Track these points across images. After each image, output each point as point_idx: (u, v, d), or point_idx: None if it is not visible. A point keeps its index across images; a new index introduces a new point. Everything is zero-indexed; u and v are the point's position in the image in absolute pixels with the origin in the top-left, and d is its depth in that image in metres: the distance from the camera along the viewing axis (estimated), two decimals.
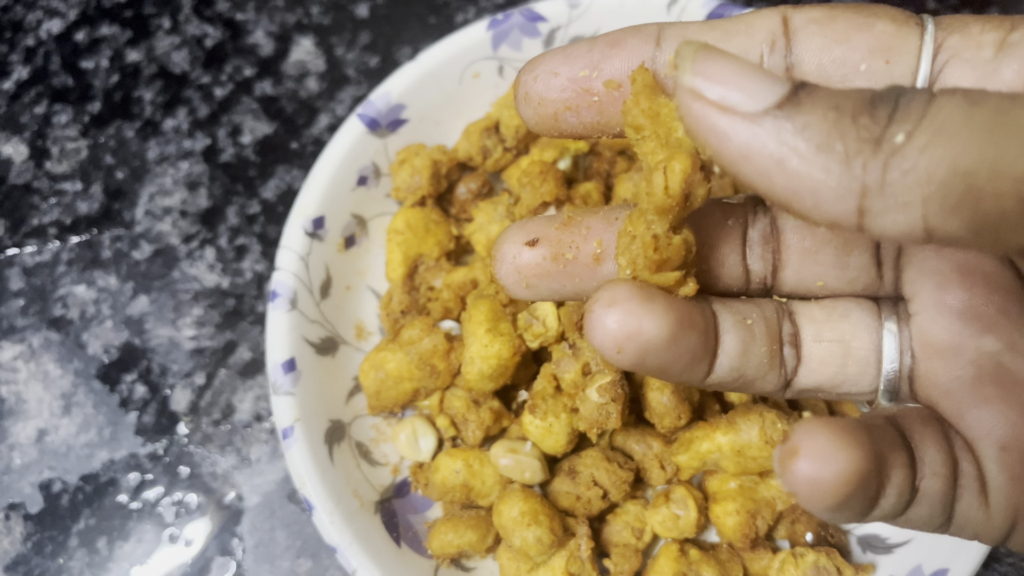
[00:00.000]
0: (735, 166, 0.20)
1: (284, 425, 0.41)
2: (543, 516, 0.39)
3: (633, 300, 0.24)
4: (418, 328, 0.42)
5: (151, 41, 0.59)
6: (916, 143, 0.18)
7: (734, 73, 0.20)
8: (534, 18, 0.47)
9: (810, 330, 0.27)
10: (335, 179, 0.45)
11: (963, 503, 0.24)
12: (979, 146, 0.18)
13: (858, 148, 0.19)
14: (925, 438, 0.24)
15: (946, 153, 0.18)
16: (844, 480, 0.21)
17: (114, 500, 0.47)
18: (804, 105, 0.20)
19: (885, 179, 0.19)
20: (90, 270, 0.52)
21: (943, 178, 0.18)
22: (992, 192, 0.18)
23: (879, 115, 0.19)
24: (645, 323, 0.24)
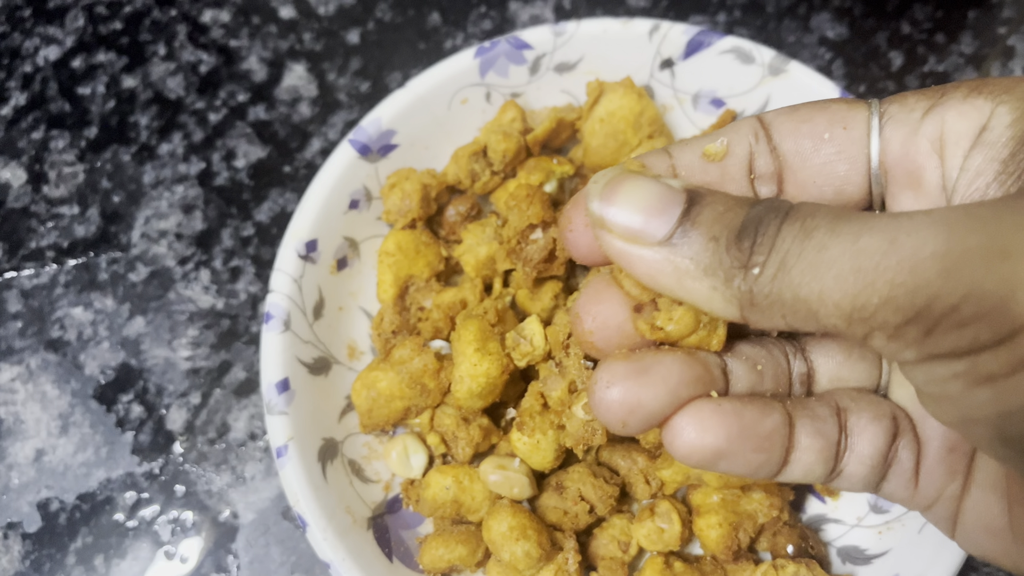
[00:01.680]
0: (645, 280, 0.26)
1: (278, 444, 0.42)
2: (531, 531, 0.40)
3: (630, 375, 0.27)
4: (409, 348, 0.43)
5: (146, 67, 0.60)
6: (767, 273, 0.23)
7: (635, 202, 0.26)
8: (520, 45, 0.49)
9: (827, 371, 0.31)
10: (327, 203, 0.46)
11: (892, 483, 0.29)
12: (808, 279, 0.23)
13: (732, 274, 0.24)
14: (864, 433, 0.29)
15: (788, 284, 0.23)
16: (698, 451, 0.27)
17: (111, 518, 0.48)
18: (690, 236, 0.25)
19: (753, 299, 0.24)
20: (87, 292, 0.54)
21: (791, 302, 0.23)
22: (824, 314, 0.23)
23: (744, 246, 0.24)
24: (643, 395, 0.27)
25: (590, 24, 0.49)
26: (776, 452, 0.28)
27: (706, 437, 0.26)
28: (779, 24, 0.59)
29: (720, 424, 0.27)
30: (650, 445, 0.42)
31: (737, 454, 0.27)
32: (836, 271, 0.22)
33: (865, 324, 0.22)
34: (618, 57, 0.50)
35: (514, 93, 0.50)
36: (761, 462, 0.27)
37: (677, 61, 0.49)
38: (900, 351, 0.22)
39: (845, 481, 0.29)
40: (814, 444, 0.28)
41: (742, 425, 0.27)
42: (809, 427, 0.28)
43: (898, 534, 0.41)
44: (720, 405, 0.27)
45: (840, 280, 0.22)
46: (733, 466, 0.27)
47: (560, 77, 0.51)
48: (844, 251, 0.22)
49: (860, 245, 0.22)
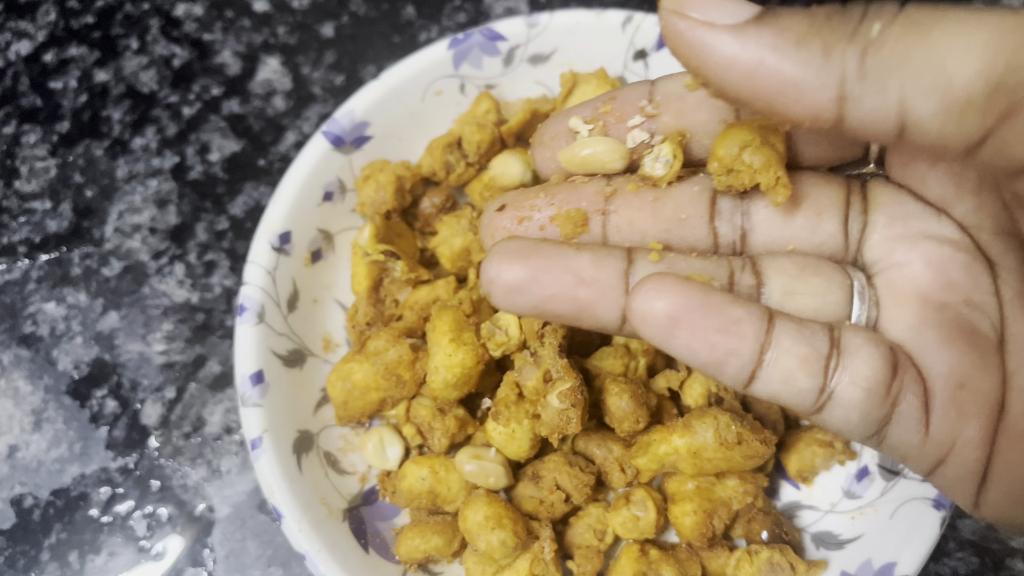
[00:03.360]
0: (720, 76, 0.22)
1: (252, 436, 0.41)
2: (507, 520, 0.40)
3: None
4: (383, 339, 0.43)
5: (119, 61, 0.60)
6: (893, 32, 0.20)
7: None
8: (494, 37, 0.49)
9: (779, 283, 0.27)
10: (301, 195, 0.46)
11: (900, 428, 0.25)
12: (952, 34, 0.19)
13: (836, 40, 0.20)
14: (859, 353, 0.25)
15: (920, 41, 0.19)
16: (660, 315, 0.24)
17: (85, 514, 0.48)
18: (781, 14, 0.21)
19: (864, 65, 0.20)
20: (60, 287, 0.53)
21: (919, 63, 0.20)
22: (962, 76, 0.19)
23: (852, 14, 0.21)
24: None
25: (563, 15, 0.49)
26: (746, 343, 0.24)
27: (661, 300, 0.24)
28: None
29: (681, 291, 0.24)
30: (625, 434, 0.42)
31: (696, 328, 0.24)
32: (991, 29, 0.19)
33: (1019, 90, 0.19)
34: (592, 48, 0.50)
35: (488, 85, 0.51)
36: (728, 348, 0.24)
37: (651, 52, 0.49)
38: None
39: (839, 408, 0.25)
40: (797, 348, 0.25)
41: (707, 300, 0.24)
42: (793, 330, 0.25)
43: (870, 519, 0.41)
44: (686, 279, 0.24)
45: (997, 37, 0.19)
46: (692, 343, 0.24)
47: (534, 68, 0.51)
48: (1002, 17, 0.19)
49: (1008, 19, 0.19)
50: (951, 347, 0.26)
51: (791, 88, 0.21)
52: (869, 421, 0.25)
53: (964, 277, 0.26)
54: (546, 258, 0.26)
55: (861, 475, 0.43)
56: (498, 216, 0.28)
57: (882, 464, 0.43)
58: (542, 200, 0.28)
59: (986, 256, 0.26)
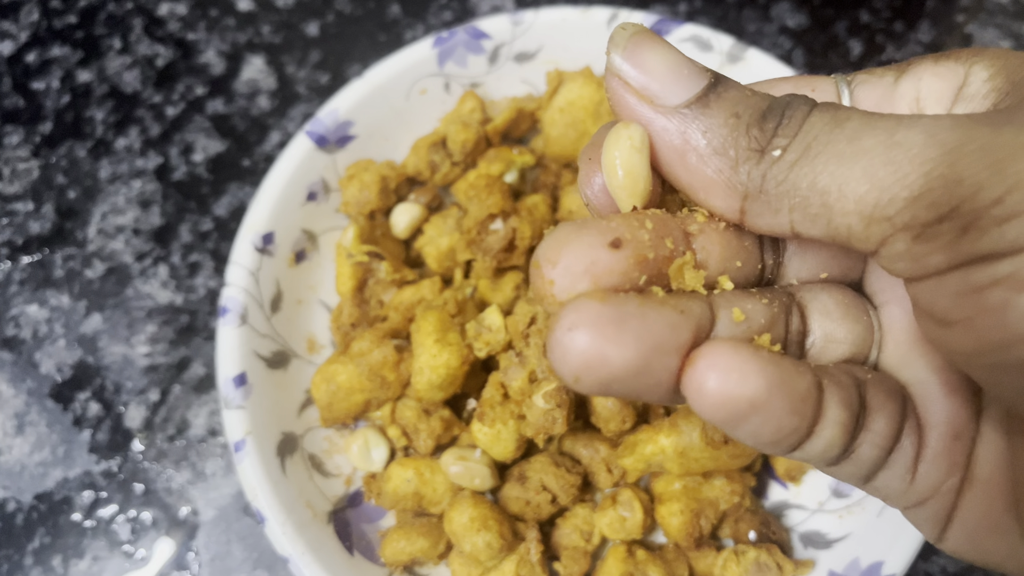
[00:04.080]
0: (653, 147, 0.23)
1: (235, 439, 0.41)
2: (492, 521, 0.40)
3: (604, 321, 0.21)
4: (368, 340, 0.43)
5: (102, 61, 0.59)
6: (788, 159, 0.21)
7: (659, 64, 0.23)
8: (478, 35, 0.49)
9: (823, 329, 0.26)
10: (284, 195, 0.46)
11: (889, 473, 0.25)
12: (832, 167, 0.21)
13: (746, 156, 0.22)
14: (883, 410, 0.24)
15: (808, 171, 0.21)
16: (732, 402, 0.21)
17: (68, 518, 0.47)
18: (711, 108, 0.22)
19: (763, 187, 0.22)
20: (42, 289, 0.53)
21: (804, 193, 0.21)
22: (840, 211, 0.21)
23: (767, 127, 0.22)
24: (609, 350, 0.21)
25: (549, 13, 0.49)
26: (808, 418, 0.22)
27: (745, 384, 0.21)
28: (739, 13, 0.59)
29: (759, 371, 0.21)
30: (612, 434, 0.42)
31: (773, 412, 0.21)
32: (866, 162, 0.20)
33: (887, 224, 0.20)
34: (577, 46, 0.49)
35: (473, 83, 0.50)
36: (793, 427, 0.22)
37: None
38: (926, 256, 0.20)
39: (851, 465, 0.24)
40: (841, 416, 0.23)
41: (781, 376, 0.21)
42: (837, 395, 0.23)
43: (858, 518, 0.41)
44: (757, 349, 0.21)
45: (869, 171, 0.20)
46: (764, 427, 0.21)
47: (520, 67, 0.50)
48: (878, 143, 0.20)
49: (897, 138, 0.20)
50: (953, 396, 0.25)
51: (702, 188, 0.23)
52: (869, 472, 0.25)
53: None
54: (655, 332, 0.21)
55: None
56: (612, 256, 0.22)
57: None
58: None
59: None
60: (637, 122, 0.23)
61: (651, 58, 0.23)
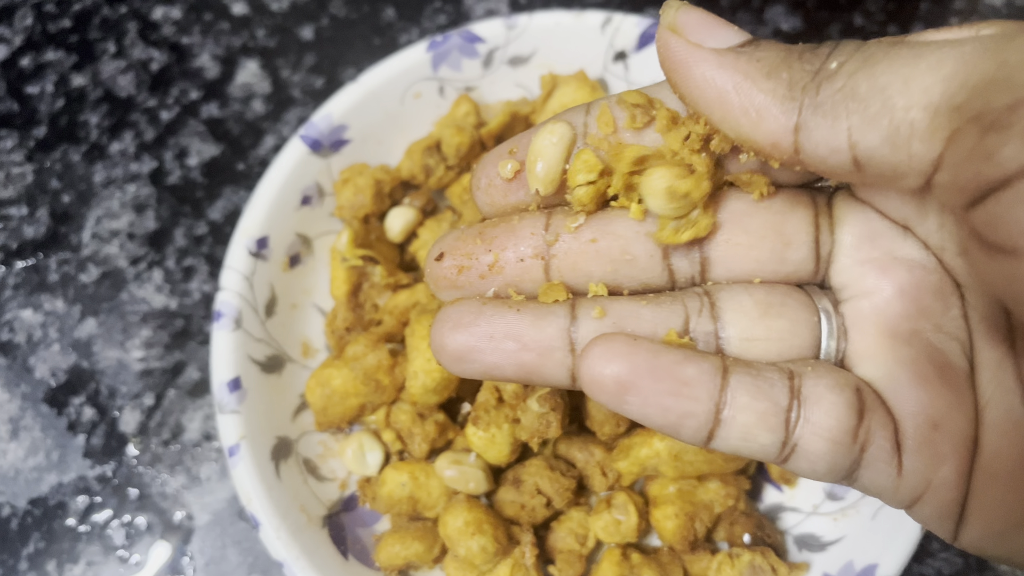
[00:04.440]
0: (696, 94, 0.23)
1: (230, 443, 0.41)
2: (487, 525, 0.40)
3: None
4: (362, 344, 0.43)
5: (96, 65, 0.59)
6: (847, 69, 0.21)
7: (707, 23, 0.24)
8: (472, 39, 0.49)
9: (739, 328, 0.26)
10: (278, 199, 0.46)
11: (870, 470, 0.25)
12: (896, 67, 0.21)
13: (801, 75, 0.22)
14: (821, 402, 0.24)
15: (868, 75, 0.21)
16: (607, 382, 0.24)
17: (63, 523, 0.47)
18: (761, 46, 0.23)
19: (818, 98, 0.22)
20: (37, 294, 0.53)
21: (864, 95, 0.21)
22: (903, 105, 0.20)
23: (821, 52, 0.22)
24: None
25: (542, 17, 0.49)
26: (701, 404, 0.24)
27: (610, 365, 0.24)
28: (733, 16, 0.59)
29: (628, 353, 0.24)
30: (607, 437, 0.42)
31: (647, 393, 0.24)
32: (933, 58, 0.20)
33: (956, 114, 0.19)
34: (571, 50, 0.49)
35: (468, 87, 0.50)
36: (682, 411, 0.24)
37: (630, 53, 0.49)
38: (999, 148, 0.18)
39: (804, 460, 0.25)
40: (754, 404, 0.24)
41: (656, 362, 0.24)
42: (749, 384, 0.24)
43: (853, 520, 0.41)
44: (635, 339, 0.24)
45: (936, 64, 0.20)
46: (645, 408, 0.24)
47: (514, 71, 0.50)
48: (943, 45, 0.20)
49: (963, 42, 0.20)
50: (924, 386, 0.25)
51: (754, 113, 0.23)
52: (837, 469, 0.25)
53: (935, 303, 0.25)
54: (488, 325, 0.26)
55: None
56: (438, 266, 0.27)
57: None
58: (480, 247, 0.27)
59: (952, 278, 0.25)
60: (686, 69, 0.24)
61: (700, 20, 0.24)
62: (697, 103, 0.24)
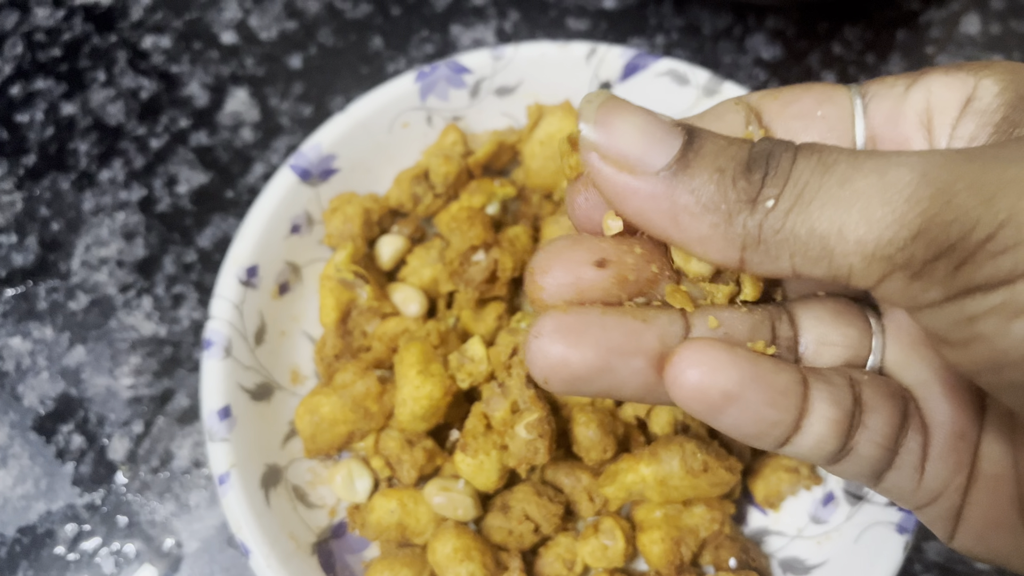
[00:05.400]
0: (637, 219, 0.24)
1: (220, 471, 0.41)
2: (475, 551, 0.40)
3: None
4: (351, 372, 0.43)
5: (86, 94, 0.60)
6: (782, 207, 0.22)
7: (631, 131, 0.23)
8: (459, 70, 0.49)
9: (815, 333, 0.27)
10: (268, 228, 0.46)
11: (898, 473, 0.26)
12: (829, 212, 0.21)
13: (738, 208, 0.22)
14: (879, 409, 0.25)
15: (805, 218, 0.22)
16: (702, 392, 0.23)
17: (52, 552, 0.47)
18: (692, 167, 0.23)
19: (760, 237, 0.22)
20: (25, 322, 0.53)
21: (804, 239, 0.22)
22: (841, 252, 0.21)
23: (754, 178, 0.22)
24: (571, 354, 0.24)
25: (528, 48, 0.50)
26: (790, 413, 0.24)
27: (717, 376, 0.23)
28: (715, 45, 0.60)
29: (732, 364, 0.23)
30: (593, 463, 0.42)
31: (749, 403, 0.24)
32: (862, 205, 0.21)
33: (887, 263, 0.21)
34: (557, 80, 0.50)
35: (455, 116, 0.51)
36: (774, 420, 0.24)
37: (615, 84, 0.50)
38: (923, 291, 0.21)
39: (852, 464, 0.26)
40: (829, 412, 0.25)
41: (756, 371, 0.24)
42: (825, 392, 0.25)
43: (836, 544, 0.42)
44: (732, 346, 0.24)
45: (866, 214, 0.21)
46: (743, 418, 0.24)
47: (500, 100, 0.51)
48: (871, 184, 0.21)
49: (888, 179, 0.21)
50: (954, 397, 0.26)
51: (698, 244, 0.23)
52: (877, 472, 0.26)
53: None
54: (613, 338, 0.24)
55: (827, 500, 0.44)
56: (599, 274, 0.25)
57: (847, 489, 0.43)
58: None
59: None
60: (625, 196, 0.23)
61: (622, 127, 0.23)
62: (640, 226, 0.24)
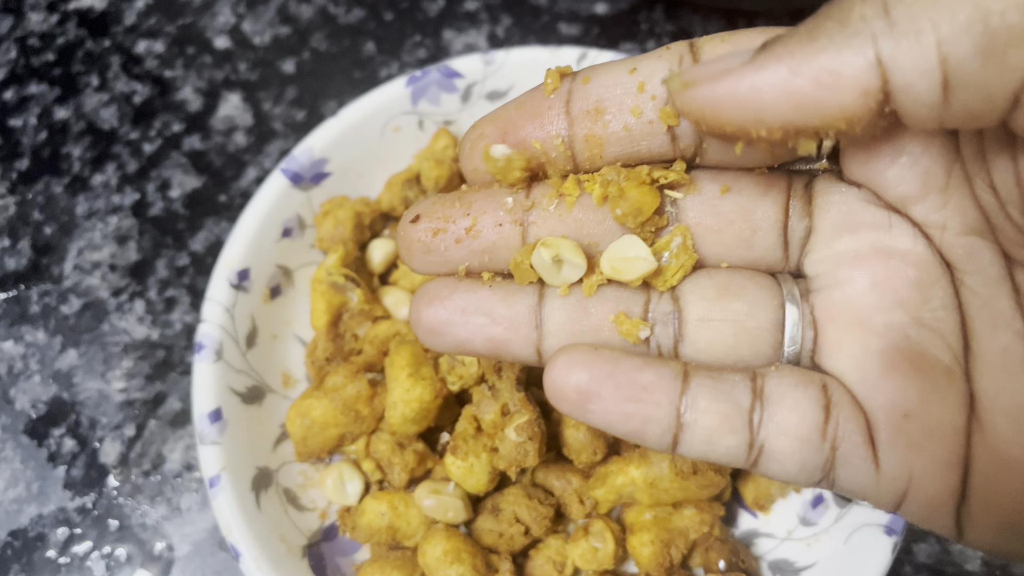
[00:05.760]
0: (752, 108, 0.21)
1: (210, 474, 0.41)
2: (465, 554, 0.40)
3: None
4: (342, 375, 0.44)
5: (79, 98, 0.60)
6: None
7: (715, 61, 0.22)
8: (451, 74, 0.50)
9: (696, 309, 0.27)
10: (259, 232, 0.46)
11: (847, 469, 0.25)
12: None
13: (848, 7, 0.20)
14: (785, 400, 0.25)
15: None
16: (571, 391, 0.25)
17: (43, 555, 0.47)
18: (775, 33, 0.21)
19: (891, 17, 0.19)
20: (18, 325, 0.53)
21: (949, 2, 0.18)
22: (998, 9, 0.18)
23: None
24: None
25: (519, 53, 0.50)
26: (661, 409, 0.24)
27: (571, 374, 0.24)
28: None
29: (588, 362, 0.24)
30: (584, 465, 0.43)
31: (607, 400, 0.24)
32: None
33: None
34: None
35: (447, 121, 0.51)
36: (643, 416, 0.24)
37: None
38: None
39: (774, 461, 0.25)
40: (715, 407, 0.24)
41: (614, 369, 0.24)
42: (709, 387, 0.25)
43: (825, 546, 0.42)
44: (596, 349, 0.25)
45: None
46: (607, 416, 0.24)
47: (492, 104, 0.51)
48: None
49: None
50: (892, 376, 0.24)
51: (827, 76, 0.20)
52: (810, 469, 0.25)
53: (913, 295, 0.25)
54: (462, 299, 0.27)
55: (816, 502, 0.44)
56: (412, 228, 0.27)
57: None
58: (457, 210, 0.27)
59: (947, 261, 0.25)
60: (733, 101, 0.21)
61: (703, 64, 0.22)
62: (760, 118, 0.21)
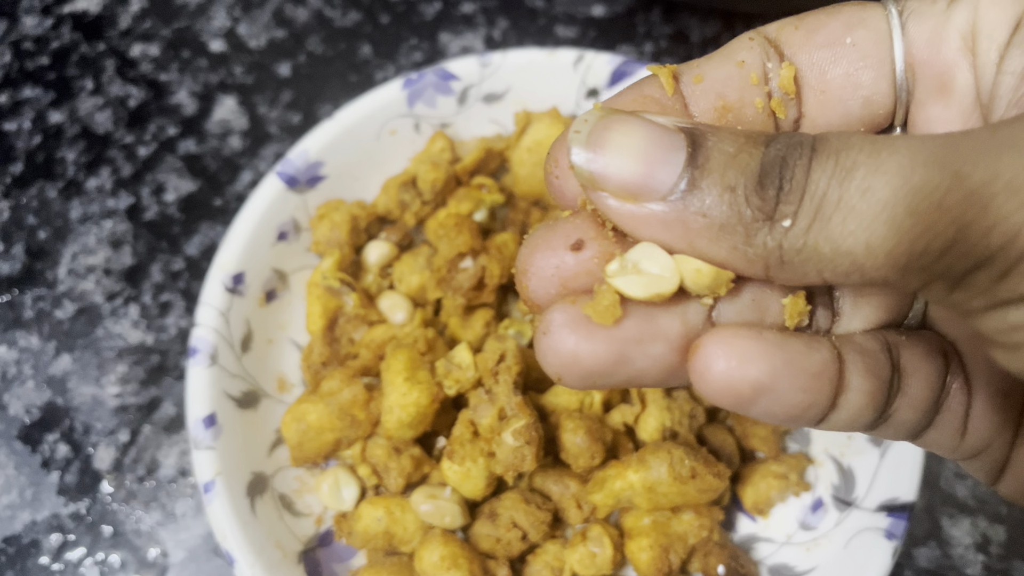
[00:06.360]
0: (658, 239, 0.22)
1: (205, 480, 0.41)
2: (462, 560, 0.40)
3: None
4: (338, 379, 0.43)
5: (74, 102, 0.60)
6: (800, 226, 0.20)
7: (629, 152, 0.21)
8: (447, 76, 0.49)
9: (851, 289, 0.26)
10: (254, 235, 0.46)
11: (937, 432, 0.25)
12: (852, 226, 0.19)
13: (756, 228, 0.21)
14: (919, 372, 0.24)
15: (826, 236, 0.20)
16: (738, 387, 0.22)
17: (36, 562, 0.47)
18: (700, 187, 0.21)
19: (783, 257, 0.21)
20: (11, 331, 0.52)
21: (830, 256, 0.20)
22: (872, 266, 0.20)
23: (768, 195, 0.20)
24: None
25: (516, 55, 0.50)
26: (825, 393, 0.23)
27: (747, 369, 0.21)
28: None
29: (762, 354, 0.22)
30: (581, 470, 0.42)
31: (782, 392, 0.22)
32: (888, 216, 0.19)
33: (924, 273, 0.19)
34: (545, 87, 0.50)
35: (443, 123, 0.51)
36: (808, 404, 0.23)
37: (602, 90, 0.50)
38: (966, 301, 0.19)
39: (891, 429, 0.25)
40: (865, 385, 0.23)
41: (787, 358, 0.22)
42: (860, 365, 0.23)
43: (825, 550, 0.42)
44: (760, 333, 0.22)
45: (894, 226, 0.19)
46: (775, 406, 0.22)
47: (488, 107, 0.51)
48: (895, 191, 0.19)
49: (915, 182, 0.19)
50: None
51: (723, 263, 0.21)
52: (915, 432, 0.25)
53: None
54: (627, 326, 0.23)
55: (816, 506, 0.43)
56: (576, 258, 0.23)
57: (836, 495, 0.43)
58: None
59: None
60: (633, 226, 0.22)
61: (618, 152, 0.21)
62: (662, 245, 0.22)
